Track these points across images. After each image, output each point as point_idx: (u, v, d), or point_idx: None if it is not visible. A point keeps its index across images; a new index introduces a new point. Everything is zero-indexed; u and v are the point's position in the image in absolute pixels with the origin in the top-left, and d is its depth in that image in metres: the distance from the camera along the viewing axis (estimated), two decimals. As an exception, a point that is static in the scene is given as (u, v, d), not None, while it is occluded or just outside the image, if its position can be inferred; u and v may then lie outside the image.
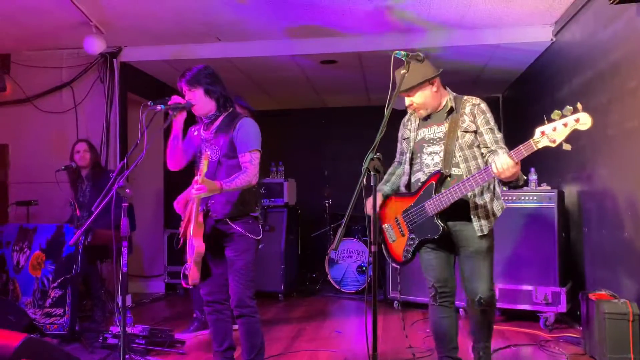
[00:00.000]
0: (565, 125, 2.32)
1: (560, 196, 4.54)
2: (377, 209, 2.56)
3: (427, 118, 2.96)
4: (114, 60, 5.67)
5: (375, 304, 2.32)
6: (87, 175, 4.72)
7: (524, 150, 2.44)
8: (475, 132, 2.83)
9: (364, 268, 6.08)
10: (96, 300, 4.56)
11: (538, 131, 2.39)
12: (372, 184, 2.37)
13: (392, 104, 2.49)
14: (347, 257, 6.18)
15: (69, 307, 3.99)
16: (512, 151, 2.49)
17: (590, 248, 4.30)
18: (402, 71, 2.62)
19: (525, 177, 2.97)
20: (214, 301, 3.08)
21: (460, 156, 2.81)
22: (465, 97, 2.93)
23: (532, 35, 5.14)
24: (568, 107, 2.32)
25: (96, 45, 5.05)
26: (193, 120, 3.21)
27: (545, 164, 5.02)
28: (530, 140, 2.42)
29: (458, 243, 2.86)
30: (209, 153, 2.93)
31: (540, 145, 2.39)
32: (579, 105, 2.30)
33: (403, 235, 2.91)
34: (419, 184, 2.88)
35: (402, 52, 2.59)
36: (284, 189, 5.98)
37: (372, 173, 2.34)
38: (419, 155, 2.94)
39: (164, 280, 6.24)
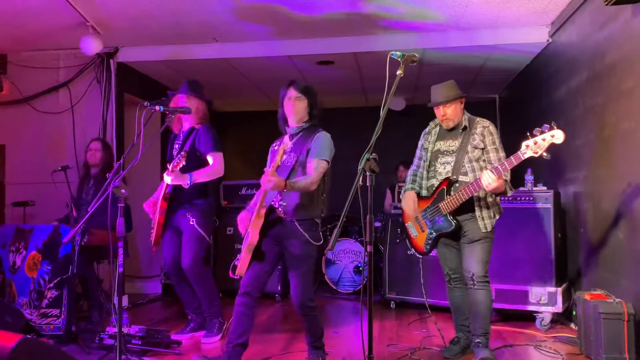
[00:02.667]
0: (544, 139, 2.90)
1: (557, 197, 4.56)
2: (414, 206, 3.50)
3: (445, 133, 3.52)
4: (111, 60, 5.67)
5: (371, 305, 2.32)
6: (95, 174, 4.73)
7: (507, 164, 3.04)
8: (482, 149, 3.40)
9: (360, 268, 6.08)
10: (93, 301, 4.55)
11: (523, 145, 2.95)
12: (368, 184, 2.38)
13: (388, 104, 2.50)
14: (344, 257, 6.18)
15: (65, 308, 3.98)
16: (493, 168, 3.08)
17: (586, 248, 4.31)
18: (399, 72, 2.63)
19: (513, 189, 3.37)
20: (249, 293, 3.17)
21: (468, 167, 3.38)
22: (478, 119, 3.49)
23: (528, 36, 5.16)
24: (545, 125, 2.90)
25: (93, 46, 5.05)
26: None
27: (541, 165, 5.02)
28: (518, 152, 2.99)
29: (464, 232, 3.41)
30: (287, 148, 3.18)
31: (526, 156, 2.96)
32: (553, 124, 2.87)
33: (423, 230, 3.52)
34: (433, 188, 3.48)
35: (398, 53, 2.60)
36: (281, 190, 5.97)
37: (367, 173, 2.37)
38: (434, 164, 3.53)
39: (160, 281, 6.23)
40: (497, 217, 3.41)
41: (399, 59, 2.60)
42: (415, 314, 4.92)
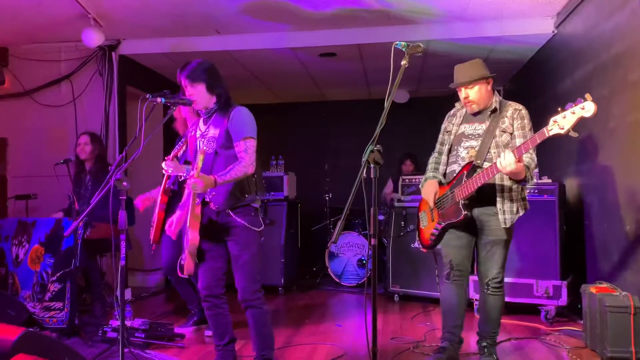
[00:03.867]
0: (573, 113, 2.55)
1: (562, 189, 4.52)
2: (433, 195, 3.15)
3: (472, 115, 3.19)
4: (113, 53, 5.64)
5: (375, 298, 2.31)
6: (90, 169, 4.71)
7: (530, 142, 2.71)
8: (512, 133, 3.06)
9: (364, 261, 6.07)
10: (96, 295, 4.55)
11: (551, 120, 2.60)
12: (372, 177, 2.36)
13: (392, 96, 2.47)
14: (347, 250, 6.17)
15: (68, 301, 3.98)
16: (515, 148, 2.76)
17: (591, 241, 4.28)
18: (403, 62, 2.58)
19: (534, 178, 3.07)
20: (212, 295, 3.06)
21: (494, 152, 3.02)
22: (510, 102, 3.18)
23: (533, 27, 5.11)
24: (580, 98, 2.55)
25: (94, 38, 5.02)
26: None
27: (546, 157, 4.99)
28: (543, 128, 2.63)
29: (482, 229, 3.10)
30: (204, 148, 2.95)
31: (552, 133, 2.60)
32: (587, 96, 2.53)
33: (433, 220, 3.20)
34: (454, 174, 3.13)
35: (403, 43, 2.57)
36: (284, 183, 5.96)
37: (372, 165, 2.34)
38: (456, 148, 3.18)
39: (164, 274, 6.22)
40: (521, 213, 3.06)
41: (403, 49, 2.56)
42: (419, 307, 4.91)
